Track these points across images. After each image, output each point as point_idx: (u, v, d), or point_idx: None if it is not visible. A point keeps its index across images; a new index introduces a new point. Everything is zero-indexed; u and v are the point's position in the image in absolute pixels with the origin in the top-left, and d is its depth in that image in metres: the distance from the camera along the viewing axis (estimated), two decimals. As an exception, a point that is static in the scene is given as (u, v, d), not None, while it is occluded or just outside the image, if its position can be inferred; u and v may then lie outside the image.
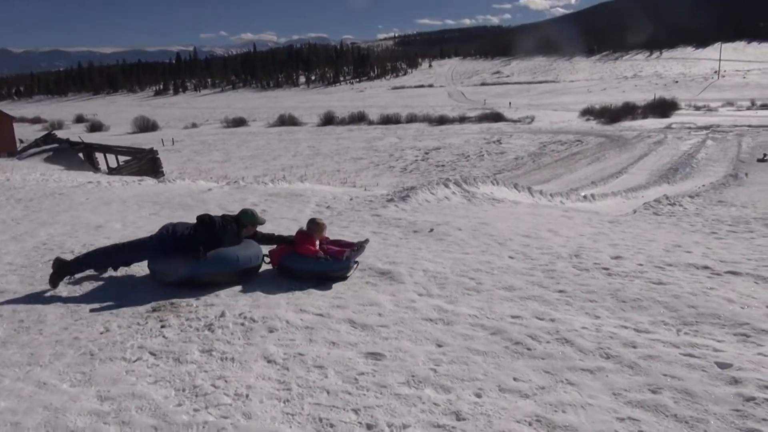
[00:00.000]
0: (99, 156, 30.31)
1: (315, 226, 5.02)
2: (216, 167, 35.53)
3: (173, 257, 4.54)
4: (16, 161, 27.94)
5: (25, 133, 52.51)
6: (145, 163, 27.40)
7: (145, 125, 66.21)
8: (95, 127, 67.36)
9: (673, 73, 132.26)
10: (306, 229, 5.03)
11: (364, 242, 5.19)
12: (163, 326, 3.79)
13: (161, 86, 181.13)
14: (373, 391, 2.92)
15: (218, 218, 4.76)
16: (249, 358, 3.31)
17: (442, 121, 60.24)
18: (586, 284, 4.63)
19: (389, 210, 8.60)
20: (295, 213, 8.45)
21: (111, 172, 25.40)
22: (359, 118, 65.31)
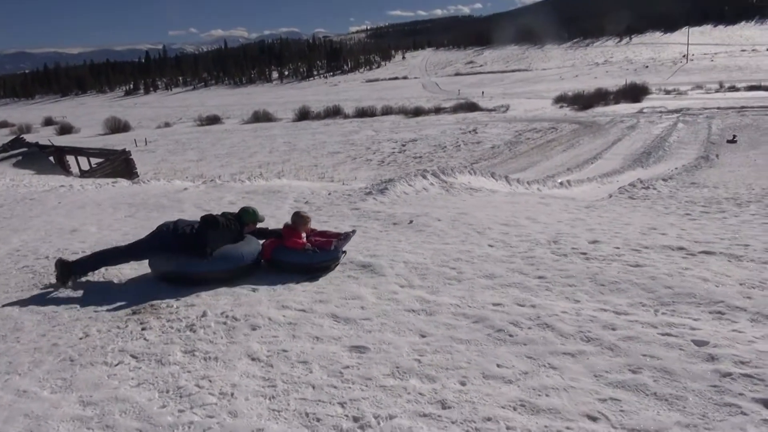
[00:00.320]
0: (70, 159, 29.71)
1: (300, 219, 5.08)
2: (191, 166, 35.07)
3: (178, 256, 4.57)
4: (-16, 167, 27.25)
5: (-8, 138, 51.17)
6: (119, 165, 26.92)
7: (117, 126, 64.98)
8: (65, 130, 65.83)
9: (643, 58, 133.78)
10: (291, 223, 5.07)
11: (350, 232, 5.29)
12: (143, 329, 3.75)
13: (131, 86, 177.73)
14: (358, 384, 2.93)
15: (222, 218, 4.81)
16: (233, 357, 3.30)
17: (418, 112, 60.13)
18: (565, 269, 4.69)
19: (368, 203, 8.61)
20: (273, 210, 8.40)
21: (83, 174, 24.91)
22: (334, 112, 64.90)
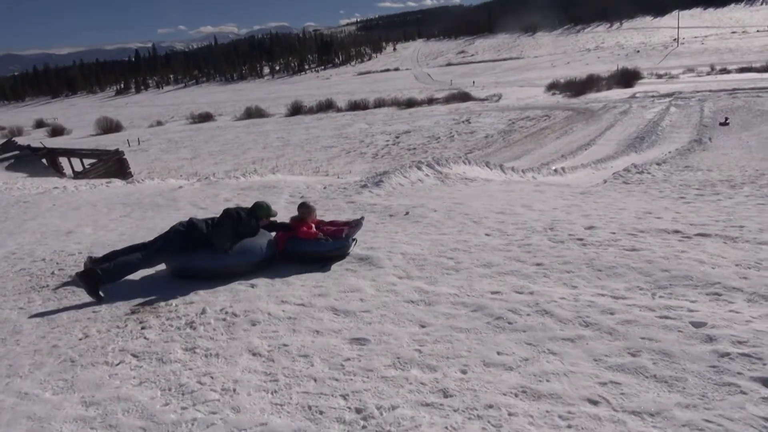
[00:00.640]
0: (63, 161, 29.56)
1: (306, 209, 5.16)
2: (185, 165, 34.95)
3: (199, 252, 4.60)
4: (-24, 172, 27.09)
5: (-16, 142, 50.81)
6: (112, 165, 26.79)
7: (109, 126, 64.59)
8: (57, 132, 65.41)
9: (634, 43, 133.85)
10: (299, 214, 5.15)
11: (360, 219, 5.35)
12: (143, 327, 3.75)
13: (122, 85, 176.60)
14: (360, 376, 2.94)
15: (243, 212, 4.87)
16: (234, 353, 3.30)
17: (411, 104, 60.02)
18: (562, 256, 4.70)
19: (363, 196, 8.61)
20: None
21: (77, 176, 24.78)
22: (327, 106, 64.69)
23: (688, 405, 2.48)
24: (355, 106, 62.68)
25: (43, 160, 28.01)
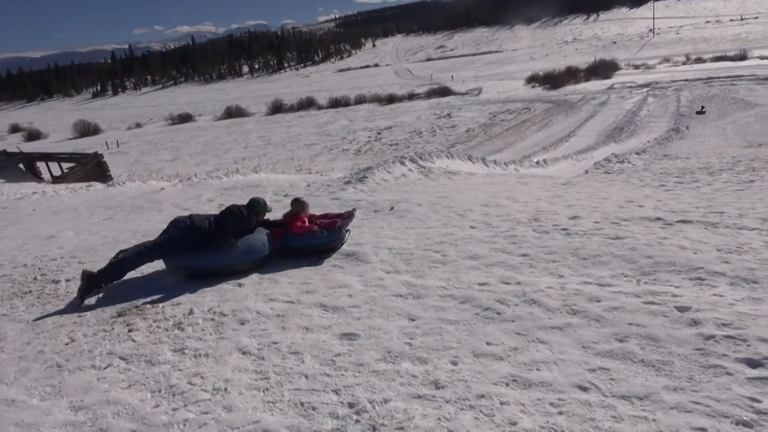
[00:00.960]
0: (41, 165, 29.11)
1: (299, 205, 5.20)
2: (166, 166, 34.58)
3: (202, 251, 4.58)
4: (-49, 179, 26.55)
5: (-42, 149, 49.78)
6: (91, 168, 26.43)
7: (87, 129, 63.64)
8: (33, 136, 64.33)
9: (611, 35, 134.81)
10: (292, 210, 5.18)
11: (352, 210, 5.46)
12: (130, 330, 3.71)
13: (99, 87, 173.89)
14: (351, 371, 2.94)
15: (244, 208, 4.89)
16: (223, 352, 3.28)
17: (392, 99, 59.99)
18: (548, 246, 4.75)
19: (348, 192, 8.60)
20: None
21: (56, 180, 24.41)
22: (308, 104, 64.38)
23: (676, 388, 2.52)
24: (336, 104, 62.48)
25: (20, 165, 27.54)
